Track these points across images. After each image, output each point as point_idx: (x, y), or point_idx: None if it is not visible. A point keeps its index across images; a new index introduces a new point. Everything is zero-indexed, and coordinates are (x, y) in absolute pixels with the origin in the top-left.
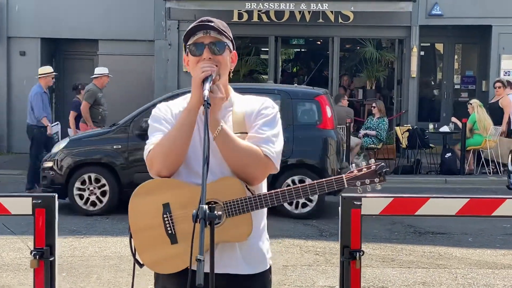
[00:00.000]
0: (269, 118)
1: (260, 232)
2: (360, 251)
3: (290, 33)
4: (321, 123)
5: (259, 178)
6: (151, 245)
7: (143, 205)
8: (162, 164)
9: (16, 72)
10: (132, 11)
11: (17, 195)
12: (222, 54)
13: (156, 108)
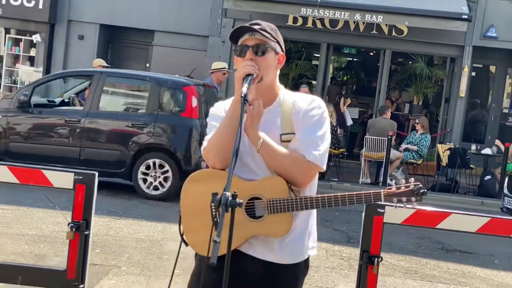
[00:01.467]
0: (315, 119)
1: (302, 225)
2: (379, 257)
3: (343, 41)
4: (186, 111)
5: (304, 182)
6: (196, 228)
7: (195, 191)
8: (215, 157)
9: (73, 55)
10: (190, 6)
11: (61, 169)
12: (263, 56)
13: (213, 107)
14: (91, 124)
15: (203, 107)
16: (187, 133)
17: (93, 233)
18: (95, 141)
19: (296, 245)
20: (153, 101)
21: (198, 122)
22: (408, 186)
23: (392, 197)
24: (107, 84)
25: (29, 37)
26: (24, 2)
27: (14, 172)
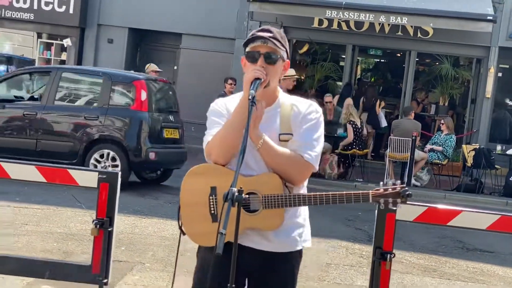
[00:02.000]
0: (313, 123)
1: (295, 218)
2: (391, 253)
3: (368, 43)
4: (135, 105)
5: (300, 180)
6: (195, 220)
7: (194, 184)
8: (218, 153)
9: (103, 58)
10: (217, 9)
11: (85, 169)
12: (274, 64)
13: (214, 103)
14: (47, 117)
15: (154, 101)
16: (136, 126)
17: (119, 231)
18: (51, 134)
19: (290, 235)
20: (104, 95)
21: (148, 115)
22: (395, 188)
23: (380, 198)
24: (63, 80)
25: (60, 41)
26: (55, 7)
27: (41, 172)
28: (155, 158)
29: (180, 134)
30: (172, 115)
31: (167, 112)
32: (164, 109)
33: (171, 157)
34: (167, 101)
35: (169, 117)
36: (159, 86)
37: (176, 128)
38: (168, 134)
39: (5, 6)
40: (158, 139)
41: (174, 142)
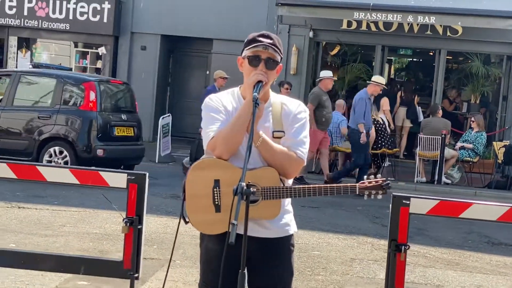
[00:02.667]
0: (302, 122)
1: (284, 208)
2: (406, 245)
3: (398, 43)
4: (84, 105)
5: (293, 173)
6: (199, 210)
7: (198, 177)
8: (223, 148)
9: (137, 65)
10: (246, 13)
11: (115, 171)
12: (272, 70)
13: (208, 99)
14: (6, 117)
15: (104, 101)
16: (84, 124)
17: (152, 231)
18: (9, 132)
19: (282, 221)
20: (56, 96)
21: (96, 114)
22: (378, 181)
23: (365, 190)
24: (22, 82)
25: (95, 50)
26: (90, 17)
27: (75, 174)
28: (103, 155)
29: (136, 131)
30: (126, 114)
31: (120, 111)
32: (117, 108)
33: (123, 154)
34: (121, 101)
35: (122, 116)
36: (112, 87)
37: (130, 126)
38: (119, 132)
39: (42, 17)
40: (108, 137)
41: (128, 140)
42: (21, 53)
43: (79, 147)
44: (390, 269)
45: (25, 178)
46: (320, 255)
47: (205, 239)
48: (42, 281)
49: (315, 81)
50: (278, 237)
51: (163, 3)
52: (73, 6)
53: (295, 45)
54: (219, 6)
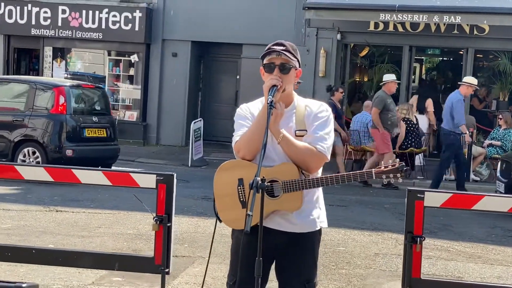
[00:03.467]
0: (323, 120)
1: (313, 203)
2: (422, 236)
3: (425, 43)
4: (54, 108)
5: (315, 168)
6: (227, 208)
7: (224, 177)
8: (246, 150)
9: (168, 72)
10: (274, 18)
11: (145, 172)
12: (287, 74)
13: (239, 108)
14: None
15: (74, 104)
16: (54, 127)
17: (184, 231)
18: None
19: (309, 218)
20: (29, 101)
21: (65, 117)
22: (394, 165)
23: (382, 175)
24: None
25: (128, 58)
26: (122, 26)
27: (107, 176)
28: (72, 155)
29: (109, 132)
30: (98, 116)
31: (91, 113)
32: (88, 111)
33: (94, 154)
34: (93, 104)
35: (93, 118)
36: (84, 91)
37: (102, 127)
38: (90, 133)
39: (75, 27)
40: (78, 138)
41: (100, 140)
42: (56, 63)
43: (49, 148)
44: (406, 260)
45: (61, 180)
46: (345, 251)
47: (235, 231)
48: (79, 278)
49: (343, 83)
50: (303, 232)
51: (193, 11)
52: (105, 16)
53: (323, 48)
54: (248, 12)
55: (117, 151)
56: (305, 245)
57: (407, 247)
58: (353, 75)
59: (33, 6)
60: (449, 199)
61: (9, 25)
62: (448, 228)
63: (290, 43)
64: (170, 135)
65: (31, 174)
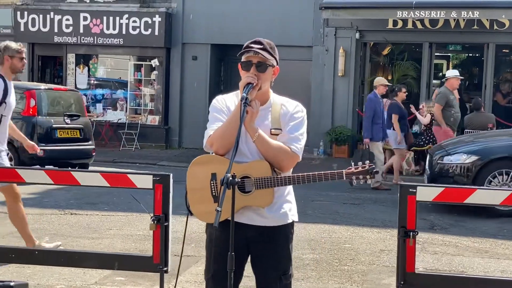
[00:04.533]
0: (299, 120)
1: (284, 197)
2: (415, 231)
3: (445, 39)
4: (25, 111)
5: (288, 167)
6: (200, 201)
7: (198, 172)
8: (219, 144)
9: (188, 75)
10: (293, 18)
11: (141, 172)
12: (264, 72)
13: (215, 100)
14: None
15: (45, 107)
16: (25, 128)
17: (193, 231)
18: None
19: (281, 211)
20: None
21: (36, 119)
22: (364, 167)
23: (352, 175)
24: None
25: (149, 62)
26: (142, 31)
27: (105, 177)
28: (43, 155)
29: (83, 133)
30: (70, 117)
31: (64, 115)
32: (60, 113)
33: (67, 154)
34: (65, 106)
35: (65, 120)
36: (56, 94)
37: (75, 128)
38: (62, 134)
39: (97, 33)
40: (49, 139)
41: (72, 141)
42: (79, 69)
43: (20, 148)
44: (400, 255)
45: (61, 183)
46: (351, 248)
47: (208, 226)
48: (83, 278)
49: (363, 82)
50: (275, 226)
51: (212, 14)
52: (125, 22)
53: (342, 47)
54: (267, 13)
55: (91, 151)
56: (278, 238)
57: (400, 241)
58: (373, 73)
59: (55, 14)
60: (441, 193)
61: (32, 33)
62: (460, 224)
63: (268, 41)
64: (192, 138)
65: (32, 177)
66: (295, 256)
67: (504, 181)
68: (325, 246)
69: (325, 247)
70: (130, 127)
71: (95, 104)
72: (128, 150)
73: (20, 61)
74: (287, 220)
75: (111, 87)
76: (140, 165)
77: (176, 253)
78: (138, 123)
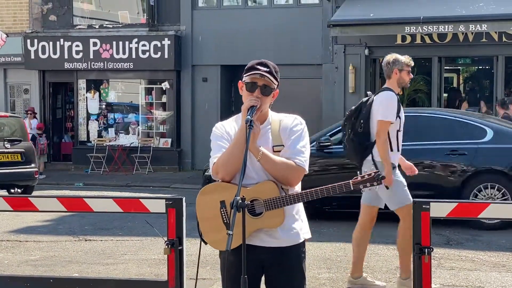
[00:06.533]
0: (299, 133)
1: (294, 216)
2: (429, 247)
3: (454, 53)
4: None
5: (295, 182)
6: (212, 230)
7: (206, 201)
8: (225, 172)
9: (199, 96)
10: (302, 37)
11: (154, 197)
12: (267, 95)
13: (214, 128)
14: None
15: None
16: None
17: (207, 253)
18: None
19: (292, 231)
20: None
21: None
22: (370, 174)
23: (359, 184)
24: None
25: (159, 85)
26: (152, 54)
27: (118, 203)
28: None
29: (24, 156)
30: (11, 142)
31: (3, 140)
32: (1, 138)
33: (7, 177)
34: (8, 131)
35: (5, 144)
36: None
37: (15, 153)
38: (2, 158)
39: (107, 58)
40: None
41: (13, 164)
42: (90, 95)
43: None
44: (416, 272)
45: (74, 210)
46: (367, 265)
47: (221, 253)
48: None
49: None
50: (288, 246)
51: (221, 35)
52: (135, 46)
53: (351, 64)
54: (275, 33)
55: (33, 174)
56: (291, 258)
57: (416, 258)
58: None
59: (65, 41)
60: (454, 208)
61: (43, 60)
62: (477, 239)
63: (273, 64)
64: (204, 159)
65: (45, 206)
66: (311, 276)
67: None
68: (340, 265)
69: (341, 265)
70: (143, 150)
71: (107, 129)
72: (142, 173)
73: (408, 74)
74: (299, 239)
75: (122, 111)
76: (154, 188)
77: (192, 276)
78: (151, 146)
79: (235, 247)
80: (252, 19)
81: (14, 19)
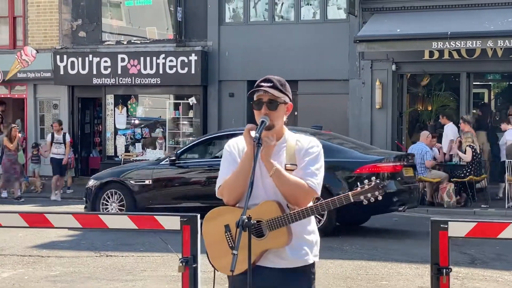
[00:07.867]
0: (314, 155)
1: (302, 237)
2: (448, 268)
3: (482, 68)
4: None
5: (304, 203)
6: (219, 255)
7: (211, 227)
8: (229, 196)
9: (226, 112)
10: (329, 53)
11: (169, 214)
12: (275, 110)
13: (227, 145)
14: None
15: None
16: None
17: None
18: None
19: (301, 252)
20: None
21: None
22: (371, 184)
23: (360, 196)
24: None
25: (186, 101)
26: (179, 70)
27: (132, 220)
28: None
29: None
30: None
31: None
32: None
33: None
34: None
35: None
36: None
37: None
38: None
39: (135, 74)
40: None
41: None
42: (117, 110)
43: None
44: None
45: (90, 226)
46: (388, 285)
47: (230, 277)
48: None
49: (401, 114)
50: (296, 267)
51: (247, 50)
52: (162, 61)
53: (378, 80)
54: (302, 48)
55: None
56: (300, 279)
57: (433, 279)
58: (411, 105)
59: (93, 57)
60: (473, 228)
61: (72, 76)
62: (502, 258)
63: (278, 78)
64: None
65: (60, 222)
66: None
67: None
68: (361, 284)
69: (361, 284)
70: None
71: (135, 144)
72: None
73: None
74: (308, 261)
75: (149, 126)
76: None
77: None
78: None
79: (242, 271)
80: (279, 34)
81: (44, 35)
